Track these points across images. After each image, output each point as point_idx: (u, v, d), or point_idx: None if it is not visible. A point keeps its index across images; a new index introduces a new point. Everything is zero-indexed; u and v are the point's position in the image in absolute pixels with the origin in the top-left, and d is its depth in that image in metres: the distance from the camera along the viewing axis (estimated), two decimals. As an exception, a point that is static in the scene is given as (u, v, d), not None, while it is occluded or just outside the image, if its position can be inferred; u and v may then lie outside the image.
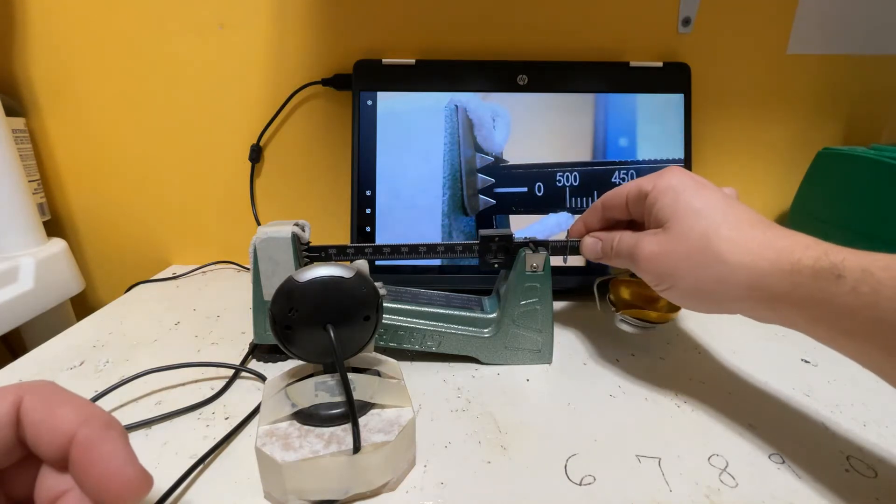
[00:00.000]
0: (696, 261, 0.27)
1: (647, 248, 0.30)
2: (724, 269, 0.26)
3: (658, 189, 0.30)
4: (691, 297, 0.29)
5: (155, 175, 0.55)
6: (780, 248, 0.24)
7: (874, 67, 0.52)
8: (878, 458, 0.27)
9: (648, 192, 0.31)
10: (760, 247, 0.25)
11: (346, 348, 0.26)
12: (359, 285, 0.25)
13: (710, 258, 0.26)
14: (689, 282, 0.28)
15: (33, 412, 0.17)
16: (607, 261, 0.34)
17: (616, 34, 0.50)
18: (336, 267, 0.25)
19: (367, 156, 0.48)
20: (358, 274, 0.25)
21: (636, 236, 0.31)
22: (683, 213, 0.28)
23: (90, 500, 0.17)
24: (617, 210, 0.34)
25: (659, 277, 0.29)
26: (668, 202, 0.29)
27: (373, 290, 0.26)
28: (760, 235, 0.25)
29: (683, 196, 0.29)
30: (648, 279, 0.31)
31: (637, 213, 0.33)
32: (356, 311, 0.25)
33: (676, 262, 0.28)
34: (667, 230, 0.29)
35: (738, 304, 0.27)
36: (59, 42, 0.50)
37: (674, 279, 0.28)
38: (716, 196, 0.28)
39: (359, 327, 0.26)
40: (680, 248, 0.28)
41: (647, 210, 0.31)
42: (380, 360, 0.29)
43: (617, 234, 0.33)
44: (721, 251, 0.26)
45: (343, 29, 0.50)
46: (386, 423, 0.25)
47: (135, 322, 0.44)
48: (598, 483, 0.26)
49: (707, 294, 0.27)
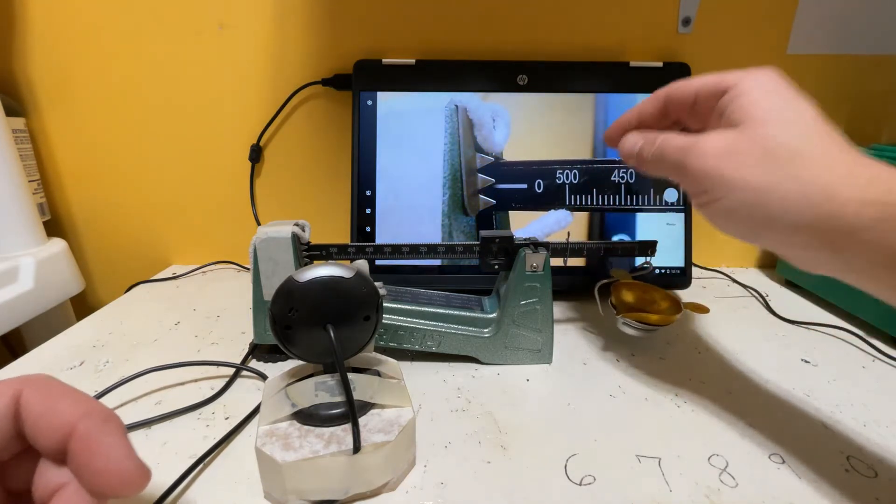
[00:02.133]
0: (768, 170, 0.23)
1: (710, 144, 0.25)
2: (797, 189, 0.22)
3: (745, 85, 0.26)
4: (739, 215, 0.24)
5: (155, 175, 0.55)
6: (870, 177, 0.21)
7: (874, 67, 0.52)
8: (878, 458, 0.27)
9: (730, 87, 0.26)
10: (849, 172, 0.22)
11: (346, 348, 0.26)
12: (359, 285, 0.25)
13: (788, 173, 0.22)
14: (749, 195, 0.23)
15: (33, 405, 0.17)
16: (642, 164, 0.29)
17: (616, 34, 0.50)
18: (336, 267, 0.25)
19: (367, 156, 0.48)
20: (358, 274, 0.25)
21: (691, 137, 0.26)
22: (770, 118, 0.24)
23: (88, 492, 0.17)
24: (680, 107, 0.29)
25: (713, 182, 0.24)
26: (753, 100, 0.25)
27: (373, 290, 0.26)
28: (851, 161, 0.22)
29: (775, 99, 0.24)
30: (696, 185, 0.26)
31: (703, 112, 0.28)
32: (356, 311, 0.25)
33: (743, 167, 0.23)
34: (743, 130, 0.24)
35: (792, 235, 0.23)
36: (58, 42, 0.50)
37: (730, 188, 0.24)
38: (811, 112, 0.24)
39: (359, 327, 0.26)
40: (755, 151, 0.23)
41: (721, 109, 0.26)
42: (380, 360, 0.29)
43: (661, 134, 0.28)
44: (803, 167, 0.22)
45: (343, 29, 0.50)
46: (386, 423, 0.25)
47: (135, 322, 0.44)
48: (598, 483, 0.26)
49: (763, 215, 0.23)
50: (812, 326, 0.43)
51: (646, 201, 0.48)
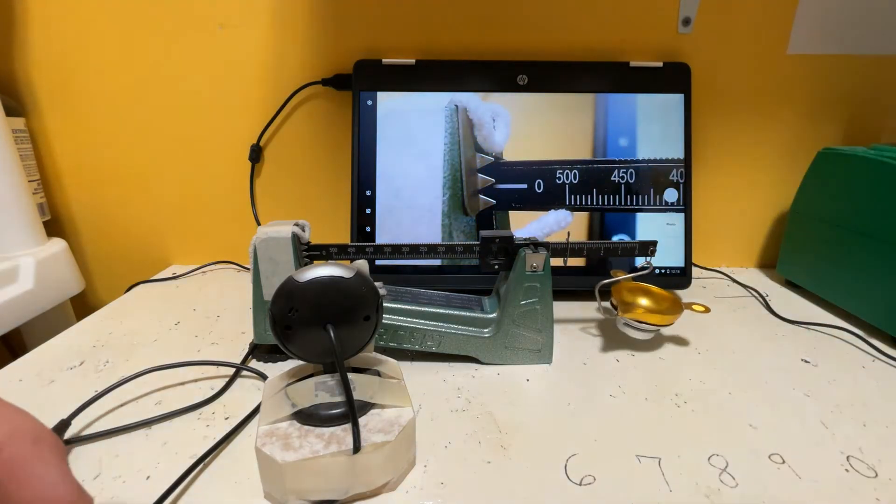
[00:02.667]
0: None
1: None
2: None
3: None
4: None
5: (155, 175, 0.55)
6: None
7: (874, 67, 0.52)
8: (878, 458, 0.27)
9: None
10: None
11: (345, 348, 0.26)
12: (359, 285, 0.25)
13: None
14: None
15: None
16: None
17: (616, 34, 0.50)
18: (336, 267, 0.25)
19: (367, 156, 0.48)
20: (358, 274, 0.25)
21: None
22: None
23: None
24: None
25: None
26: None
27: (373, 290, 0.26)
28: None
29: None
30: None
31: None
32: (356, 311, 0.25)
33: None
34: None
35: None
36: (59, 42, 0.50)
37: None
38: None
39: (359, 327, 0.26)
40: None
41: None
42: (380, 360, 0.29)
43: None
44: None
45: (343, 29, 0.50)
46: (386, 423, 0.25)
47: (135, 322, 0.44)
48: (598, 483, 0.26)
49: None
50: (812, 326, 0.43)
51: (646, 201, 0.48)
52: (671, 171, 0.48)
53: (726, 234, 0.57)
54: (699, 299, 0.41)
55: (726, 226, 0.57)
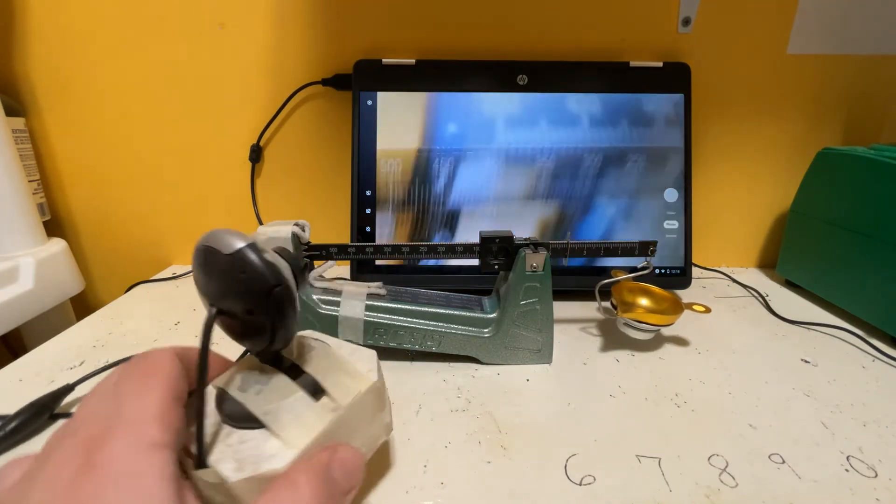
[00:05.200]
0: None
1: None
2: None
3: None
4: None
5: (155, 175, 0.55)
6: None
7: (874, 67, 0.52)
8: (878, 458, 0.27)
9: None
10: None
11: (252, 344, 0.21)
12: (234, 267, 0.18)
13: None
14: None
15: None
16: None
17: (616, 34, 0.50)
18: (233, 235, 0.19)
19: (367, 156, 0.48)
20: (241, 252, 0.18)
21: None
22: None
23: None
24: None
25: None
26: None
27: (258, 278, 0.18)
28: None
29: None
30: None
31: None
32: (236, 299, 0.19)
33: None
34: None
35: None
36: (59, 42, 0.50)
37: None
38: None
39: (246, 323, 0.20)
40: None
41: None
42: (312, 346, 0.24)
43: None
44: None
45: (343, 29, 0.50)
46: (252, 455, 0.19)
47: (135, 322, 0.44)
48: (598, 483, 0.26)
49: None
50: (812, 326, 0.43)
51: (645, 201, 0.48)
52: (671, 170, 0.48)
53: (726, 234, 0.57)
54: (699, 299, 0.41)
55: (726, 226, 0.57)
